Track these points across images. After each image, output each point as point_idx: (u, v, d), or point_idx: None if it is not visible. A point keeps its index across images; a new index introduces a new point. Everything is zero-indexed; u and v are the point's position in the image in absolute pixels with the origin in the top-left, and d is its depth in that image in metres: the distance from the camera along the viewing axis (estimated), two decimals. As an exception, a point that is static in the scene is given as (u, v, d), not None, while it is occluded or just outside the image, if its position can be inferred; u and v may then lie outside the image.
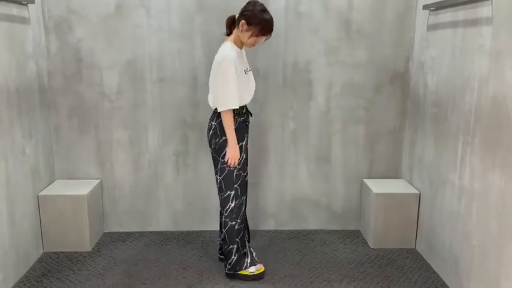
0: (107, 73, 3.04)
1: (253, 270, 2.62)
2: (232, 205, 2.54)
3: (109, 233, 3.24)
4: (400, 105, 3.18)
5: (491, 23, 2.13)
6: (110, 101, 3.07)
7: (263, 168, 3.23)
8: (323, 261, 2.85)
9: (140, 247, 3.03)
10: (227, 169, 2.50)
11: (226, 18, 2.49)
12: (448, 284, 2.57)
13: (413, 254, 2.96)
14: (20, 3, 2.62)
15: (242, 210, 2.59)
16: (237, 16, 2.42)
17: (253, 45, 2.46)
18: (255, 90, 2.63)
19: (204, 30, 3.02)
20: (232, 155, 2.44)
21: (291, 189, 3.28)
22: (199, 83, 3.08)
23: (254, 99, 2.85)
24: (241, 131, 2.52)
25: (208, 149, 2.60)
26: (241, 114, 2.53)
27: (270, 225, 3.33)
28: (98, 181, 3.14)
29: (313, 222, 3.33)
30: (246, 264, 2.61)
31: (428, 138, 2.85)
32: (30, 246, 2.77)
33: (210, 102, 2.52)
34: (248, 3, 2.41)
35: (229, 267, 2.63)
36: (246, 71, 2.52)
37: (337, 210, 3.32)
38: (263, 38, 2.43)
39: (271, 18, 2.40)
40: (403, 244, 3.04)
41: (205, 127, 2.66)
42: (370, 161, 3.25)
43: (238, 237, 2.59)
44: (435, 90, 2.74)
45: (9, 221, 2.50)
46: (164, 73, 3.07)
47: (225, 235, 2.61)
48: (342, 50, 3.08)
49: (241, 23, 2.37)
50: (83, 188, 2.97)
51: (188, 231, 3.27)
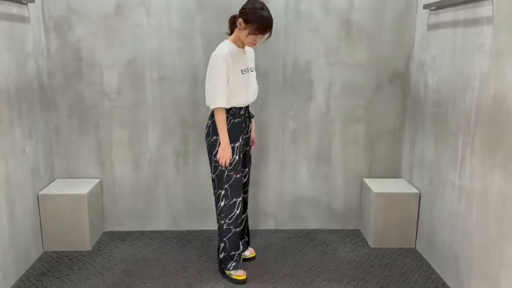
0: (107, 72, 3.04)
1: (233, 274, 2.59)
2: (222, 204, 2.54)
3: (109, 232, 3.24)
4: (400, 105, 3.18)
5: (491, 23, 2.13)
6: (110, 100, 3.07)
7: (263, 167, 3.22)
8: (323, 261, 2.85)
9: (140, 246, 3.03)
10: (219, 168, 2.49)
11: (229, 18, 2.48)
12: (448, 284, 2.57)
13: (413, 254, 2.96)
14: (20, 3, 2.62)
15: (234, 212, 2.54)
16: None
17: (253, 44, 2.42)
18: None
19: (204, 29, 3.01)
20: (222, 154, 2.42)
21: (291, 189, 3.28)
22: (199, 82, 3.08)
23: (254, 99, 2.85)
24: (235, 132, 2.48)
25: None
26: (237, 116, 2.49)
27: (270, 224, 3.33)
28: (98, 180, 3.14)
29: (313, 222, 3.33)
30: (230, 266, 2.61)
31: (428, 137, 2.84)
32: (30, 245, 2.77)
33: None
34: (247, 1, 2.39)
35: (218, 263, 2.68)
36: (243, 71, 2.47)
37: (337, 209, 3.32)
38: (262, 36, 2.39)
39: (270, 16, 2.35)
40: (403, 244, 3.04)
41: (205, 125, 2.66)
42: (370, 160, 3.25)
43: (226, 237, 2.58)
44: (435, 89, 2.74)
45: (9, 220, 2.50)
46: (164, 72, 3.06)
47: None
48: (342, 49, 3.08)
49: (239, 21, 2.35)
50: (83, 188, 2.97)
51: (188, 231, 3.27)
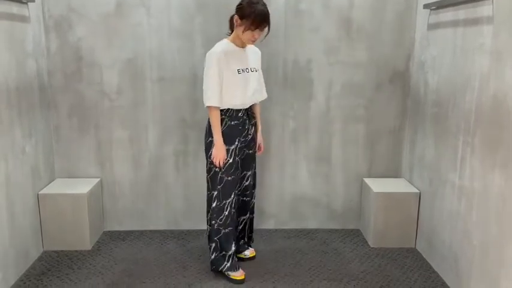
0: (107, 72, 3.03)
1: (231, 274, 2.59)
2: (214, 205, 2.53)
3: (109, 231, 3.24)
4: (400, 105, 3.18)
5: (491, 22, 2.12)
6: (110, 99, 3.07)
7: (263, 167, 3.22)
8: (323, 261, 2.85)
9: (140, 246, 3.03)
10: (213, 169, 2.48)
11: (229, 18, 2.46)
12: (448, 284, 2.57)
13: (413, 253, 2.96)
14: (20, 2, 2.61)
15: (224, 213, 2.52)
16: None
17: (252, 40, 2.36)
18: None
19: (204, 28, 3.01)
20: (215, 154, 2.41)
21: (291, 189, 3.28)
22: (199, 81, 3.07)
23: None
24: (231, 135, 2.44)
25: None
26: (234, 118, 2.45)
27: (270, 224, 3.33)
28: (98, 180, 3.14)
29: (313, 222, 3.33)
30: (224, 267, 2.59)
31: (428, 137, 2.84)
32: (30, 244, 2.77)
33: None
34: None
35: (210, 263, 2.66)
36: (240, 71, 2.41)
37: (337, 209, 3.32)
38: (259, 31, 2.33)
39: (265, 10, 2.29)
40: (403, 243, 3.04)
41: (205, 125, 2.66)
42: (370, 160, 3.25)
43: (217, 237, 2.56)
44: (436, 89, 2.74)
45: (9, 219, 2.50)
46: (164, 72, 3.06)
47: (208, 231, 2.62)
48: (342, 49, 3.08)
49: (235, 18, 2.33)
50: (83, 187, 2.97)
51: (188, 230, 3.27)
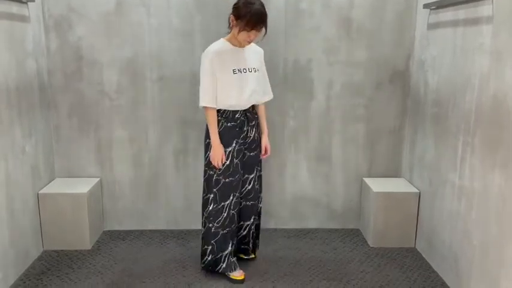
0: (107, 71, 3.03)
1: (231, 274, 2.58)
2: (210, 208, 2.51)
3: (109, 231, 3.24)
4: (400, 104, 3.17)
5: (491, 22, 2.12)
6: (110, 99, 3.07)
7: (263, 167, 3.21)
8: (323, 260, 2.85)
9: (140, 245, 3.03)
10: (208, 172, 2.48)
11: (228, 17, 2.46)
12: (447, 283, 2.57)
13: (413, 253, 2.96)
14: (20, 2, 2.61)
15: (222, 215, 2.50)
16: None
17: (248, 41, 2.32)
18: None
19: (204, 28, 3.01)
20: (212, 155, 2.40)
21: (291, 188, 3.28)
22: (199, 81, 3.06)
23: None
24: (227, 137, 2.42)
25: None
26: (231, 119, 2.43)
27: (270, 223, 3.32)
28: (98, 179, 3.14)
29: (313, 221, 3.33)
30: (219, 268, 2.58)
31: (428, 137, 2.84)
32: (30, 244, 2.77)
33: None
34: None
35: (203, 266, 2.62)
36: (235, 71, 2.36)
37: (337, 209, 3.32)
38: (255, 32, 2.27)
39: (261, 10, 2.22)
40: (403, 243, 3.04)
41: (205, 126, 2.66)
42: (370, 159, 3.25)
43: (214, 239, 2.53)
44: (436, 89, 2.74)
45: (9, 219, 2.50)
46: (164, 71, 3.06)
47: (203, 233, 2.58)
48: (342, 48, 3.08)
49: (231, 18, 2.31)
50: (83, 187, 2.97)
51: (188, 230, 3.27)
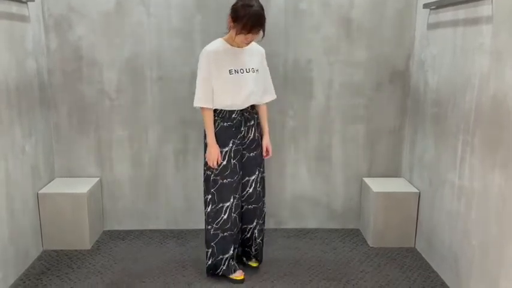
0: (107, 71, 3.03)
1: (230, 274, 2.57)
2: (208, 210, 2.50)
3: (108, 231, 3.24)
4: (400, 104, 3.17)
5: (491, 22, 2.12)
6: (110, 99, 3.07)
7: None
8: (322, 260, 2.85)
9: (140, 245, 3.03)
10: (206, 173, 2.47)
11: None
12: (447, 283, 2.57)
13: (412, 253, 2.96)
14: (20, 2, 2.61)
15: (222, 216, 2.47)
16: None
17: (245, 43, 2.29)
18: None
19: (204, 28, 3.01)
20: (208, 155, 2.39)
21: (291, 188, 3.28)
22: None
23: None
24: (224, 137, 2.40)
25: None
26: (227, 119, 2.40)
27: (269, 223, 3.32)
28: (98, 179, 3.14)
29: (312, 221, 3.33)
30: (220, 270, 2.56)
31: (428, 137, 2.84)
32: (30, 244, 2.77)
33: None
34: None
35: (206, 268, 2.61)
36: (232, 71, 2.32)
37: (337, 209, 3.32)
38: (251, 35, 2.22)
39: (258, 13, 2.16)
40: (403, 243, 3.04)
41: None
42: (370, 159, 3.25)
43: (214, 242, 2.51)
44: (436, 89, 2.74)
45: (9, 218, 2.50)
46: (164, 71, 3.06)
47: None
48: (342, 48, 3.08)
49: (228, 20, 2.28)
50: (83, 186, 2.97)
51: (188, 230, 3.27)
